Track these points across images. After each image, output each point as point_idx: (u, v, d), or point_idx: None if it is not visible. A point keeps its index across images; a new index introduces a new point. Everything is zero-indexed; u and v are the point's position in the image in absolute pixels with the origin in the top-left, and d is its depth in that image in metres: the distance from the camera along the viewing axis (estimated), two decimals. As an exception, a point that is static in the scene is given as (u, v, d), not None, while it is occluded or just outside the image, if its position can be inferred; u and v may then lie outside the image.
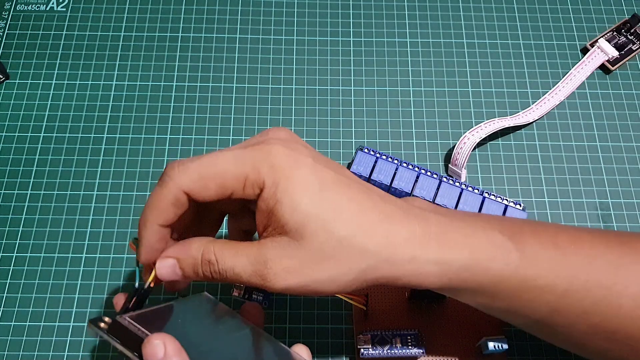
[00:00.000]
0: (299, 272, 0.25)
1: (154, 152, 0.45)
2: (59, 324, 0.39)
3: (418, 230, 0.27)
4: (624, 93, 0.48)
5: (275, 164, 0.26)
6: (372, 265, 0.26)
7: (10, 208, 0.42)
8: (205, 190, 0.26)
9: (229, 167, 0.26)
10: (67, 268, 0.40)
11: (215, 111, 0.46)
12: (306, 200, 0.25)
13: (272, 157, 0.26)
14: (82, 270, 0.40)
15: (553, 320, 0.28)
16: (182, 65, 0.48)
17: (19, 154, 0.44)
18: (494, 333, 0.38)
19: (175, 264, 0.28)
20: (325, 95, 0.47)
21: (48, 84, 0.47)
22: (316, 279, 0.26)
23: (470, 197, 0.41)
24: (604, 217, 0.43)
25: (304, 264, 0.25)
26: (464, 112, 0.47)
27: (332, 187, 0.26)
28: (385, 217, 0.26)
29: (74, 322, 0.39)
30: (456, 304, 0.39)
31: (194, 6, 0.51)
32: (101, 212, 0.42)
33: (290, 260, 0.25)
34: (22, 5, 0.51)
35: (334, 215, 0.25)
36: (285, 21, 0.51)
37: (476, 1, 0.52)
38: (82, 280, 0.40)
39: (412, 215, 0.27)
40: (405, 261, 0.26)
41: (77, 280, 0.40)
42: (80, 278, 0.40)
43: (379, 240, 0.26)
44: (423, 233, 0.26)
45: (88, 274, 0.40)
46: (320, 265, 0.25)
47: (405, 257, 0.26)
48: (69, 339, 0.38)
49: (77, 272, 0.40)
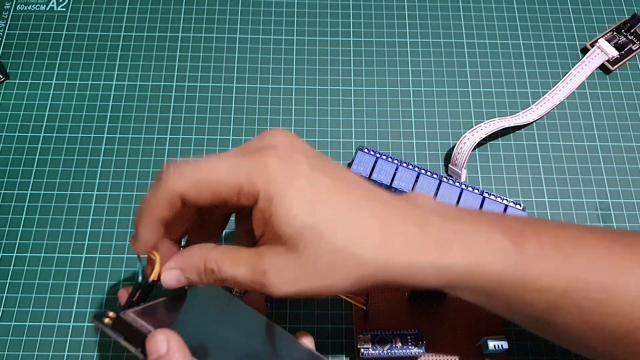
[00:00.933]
0: (297, 281, 0.26)
1: (154, 152, 0.45)
2: (59, 324, 0.39)
3: (417, 234, 0.26)
4: (624, 93, 0.48)
5: (271, 177, 0.26)
6: (369, 272, 0.26)
7: (10, 208, 0.42)
8: (199, 196, 0.27)
9: (224, 177, 0.26)
10: (67, 268, 0.40)
11: (215, 111, 0.46)
12: (301, 212, 0.25)
13: (267, 171, 0.26)
14: (82, 270, 0.40)
15: (552, 319, 0.28)
16: (182, 65, 0.48)
17: (19, 154, 0.44)
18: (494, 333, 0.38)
19: (180, 274, 0.28)
20: (325, 95, 0.47)
21: (48, 83, 0.47)
22: (314, 286, 0.26)
23: (470, 197, 0.41)
24: (604, 217, 0.43)
25: (301, 274, 0.26)
26: (464, 112, 0.47)
27: (329, 197, 0.26)
28: (382, 224, 0.26)
29: (74, 322, 0.39)
30: (456, 304, 0.39)
31: (194, 6, 0.51)
32: (101, 212, 0.42)
33: (287, 271, 0.26)
34: (22, 5, 0.51)
35: (330, 226, 0.25)
36: (285, 21, 0.51)
37: (476, 1, 0.52)
38: (82, 280, 0.40)
39: (411, 219, 0.27)
40: (403, 267, 0.26)
41: (77, 280, 0.40)
42: (80, 278, 0.40)
43: (375, 249, 0.26)
44: (422, 237, 0.26)
45: (88, 274, 0.40)
46: (317, 274, 0.26)
47: (403, 263, 0.26)
48: (69, 339, 0.38)
49: (77, 272, 0.40)
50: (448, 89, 0.48)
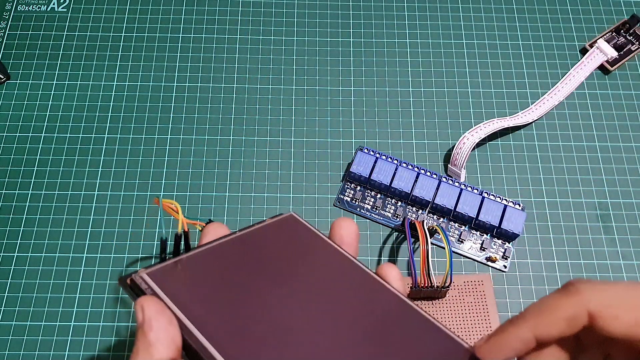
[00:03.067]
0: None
1: (155, 152, 0.45)
2: (59, 323, 0.39)
3: None
4: (622, 93, 0.48)
5: None
6: None
7: (11, 208, 0.43)
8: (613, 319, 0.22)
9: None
10: (68, 268, 0.41)
11: (215, 111, 0.47)
12: None
13: None
14: (83, 270, 0.40)
15: None
16: (183, 65, 0.49)
17: (20, 154, 0.45)
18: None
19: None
20: (325, 96, 0.48)
21: (49, 84, 0.47)
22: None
23: (470, 197, 0.42)
24: (602, 217, 0.43)
25: None
26: (464, 113, 0.47)
27: None
28: None
29: (74, 322, 0.39)
30: (453, 303, 0.39)
31: (195, 7, 0.51)
32: (102, 212, 0.42)
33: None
34: (23, 6, 0.51)
35: None
36: (286, 22, 0.51)
37: (475, 2, 0.52)
38: (83, 279, 0.40)
39: None
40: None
41: (78, 280, 0.40)
42: (81, 278, 0.40)
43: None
44: None
45: (89, 273, 0.40)
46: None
47: None
48: (69, 338, 0.38)
49: (78, 272, 0.40)
50: (448, 89, 0.48)
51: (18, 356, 0.38)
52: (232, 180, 0.44)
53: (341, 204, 0.43)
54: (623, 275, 0.41)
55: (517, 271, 0.41)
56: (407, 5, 0.52)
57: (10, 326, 0.39)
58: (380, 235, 0.42)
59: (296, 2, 0.52)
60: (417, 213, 0.43)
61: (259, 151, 0.45)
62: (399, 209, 0.43)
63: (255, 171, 0.44)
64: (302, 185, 0.44)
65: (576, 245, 0.42)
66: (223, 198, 0.43)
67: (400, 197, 0.43)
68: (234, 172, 0.44)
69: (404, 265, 0.41)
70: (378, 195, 0.43)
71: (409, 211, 0.43)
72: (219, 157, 0.45)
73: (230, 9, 0.51)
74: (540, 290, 0.40)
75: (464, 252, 0.42)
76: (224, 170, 0.44)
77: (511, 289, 0.41)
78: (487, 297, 0.39)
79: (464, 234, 0.42)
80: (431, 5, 0.52)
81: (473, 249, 0.42)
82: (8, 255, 0.41)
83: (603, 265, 0.41)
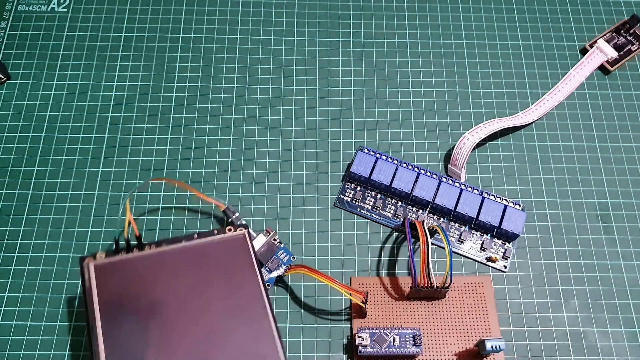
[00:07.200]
0: None
1: (155, 153, 0.45)
2: (60, 323, 0.39)
3: None
4: (623, 94, 0.48)
5: None
6: None
7: (11, 208, 0.43)
8: None
9: None
10: (69, 268, 0.41)
11: (215, 111, 0.47)
12: None
13: None
14: (83, 269, 0.41)
15: None
16: (183, 65, 0.49)
17: (21, 154, 0.45)
18: (492, 333, 0.38)
19: None
20: (325, 96, 0.48)
21: (49, 84, 0.48)
22: None
23: (470, 197, 0.42)
24: (602, 217, 0.43)
25: None
26: (464, 113, 0.47)
27: None
28: None
29: (74, 322, 0.39)
30: (454, 303, 0.39)
31: (195, 7, 0.51)
32: (102, 212, 0.43)
33: None
34: (23, 6, 0.51)
35: None
36: (286, 22, 0.51)
37: (476, 2, 0.52)
38: (83, 279, 0.40)
39: None
40: None
41: (78, 280, 0.40)
42: (81, 278, 0.40)
43: None
44: None
45: (89, 273, 0.40)
46: None
47: None
48: (70, 338, 0.38)
49: (78, 272, 0.40)
50: (448, 89, 0.48)
51: (18, 356, 0.38)
52: (232, 180, 0.44)
53: (341, 204, 0.43)
54: (623, 275, 0.41)
55: (517, 271, 0.41)
56: (407, 5, 0.52)
57: (11, 326, 0.39)
58: (381, 235, 0.42)
59: (296, 2, 0.52)
60: (417, 213, 0.43)
61: (259, 151, 0.45)
62: (399, 209, 0.43)
63: (255, 171, 0.44)
64: (302, 185, 0.44)
65: (576, 245, 0.42)
66: (223, 198, 0.43)
67: (401, 197, 0.43)
68: (234, 172, 0.44)
69: (404, 265, 0.41)
70: (378, 196, 0.43)
71: (409, 211, 0.43)
72: (219, 157, 0.45)
73: (230, 9, 0.51)
74: (541, 290, 0.40)
75: (464, 252, 0.42)
76: (224, 171, 0.44)
77: (511, 289, 0.41)
78: (486, 299, 0.39)
79: (464, 234, 0.42)
80: (431, 5, 0.52)
81: (473, 249, 0.42)
82: (8, 255, 0.41)
83: (603, 265, 0.41)
